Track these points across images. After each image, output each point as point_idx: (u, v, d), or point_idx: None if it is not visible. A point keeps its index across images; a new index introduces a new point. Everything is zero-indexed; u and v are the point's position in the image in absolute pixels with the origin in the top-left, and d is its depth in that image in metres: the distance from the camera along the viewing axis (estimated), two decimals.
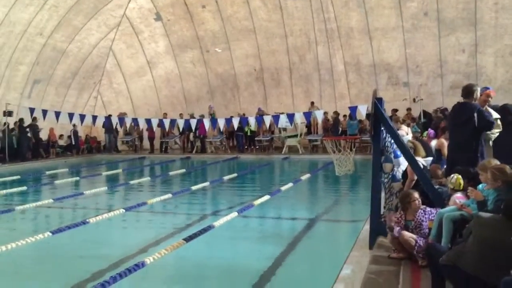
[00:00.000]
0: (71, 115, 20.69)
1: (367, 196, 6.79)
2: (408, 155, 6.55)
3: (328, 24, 22.01)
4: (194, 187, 12.59)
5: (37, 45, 21.06)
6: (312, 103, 22.22)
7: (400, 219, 5.53)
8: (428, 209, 5.57)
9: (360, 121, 20.97)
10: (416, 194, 5.57)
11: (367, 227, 6.95)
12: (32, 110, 20.29)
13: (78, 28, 22.06)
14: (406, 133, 10.31)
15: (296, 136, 21.88)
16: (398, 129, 9.84)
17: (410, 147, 7.08)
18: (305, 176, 14.42)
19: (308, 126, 21.95)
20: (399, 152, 7.09)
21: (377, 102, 6.45)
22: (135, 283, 5.74)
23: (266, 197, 10.62)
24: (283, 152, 21.62)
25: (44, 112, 20.29)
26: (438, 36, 20.62)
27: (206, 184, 13.20)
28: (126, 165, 19.88)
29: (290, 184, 12.55)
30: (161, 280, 6.01)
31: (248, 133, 22.50)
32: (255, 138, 22.53)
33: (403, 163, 7.41)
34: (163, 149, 23.83)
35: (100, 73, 25.53)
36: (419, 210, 5.51)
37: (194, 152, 23.09)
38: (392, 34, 21.33)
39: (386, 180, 6.93)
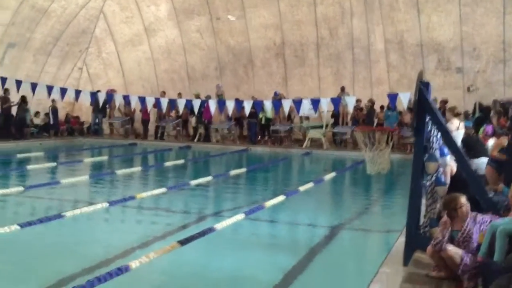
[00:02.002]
0: (50, 88, 20.81)
1: (405, 203, 6.77)
2: (457, 153, 6.49)
3: None
4: (193, 182, 12.63)
5: (14, 2, 21.17)
6: (343, 88, 22.04)
7: (444, 228, 5.47)
8: (479, 216, 5.49)
9: (401, 113, 20.83)
10: (463, 199, 5.50)
11: (402, 239, 6.92)
12: (3, 80, 20.45)
13: None
14: (457, 127, 10.23)
15: (320, 127, 21.79)
16: (447, 122, 9.77)
17: None
18: (329, 176, 14.41)
19: (336, 115, 21.82)
20: (446, 150, 7.02)
21: (423, 87, 6.39)
22: None
23: (281, 198, 10.64)
24: (304, 146, 21.57)
25: (18, 83, 20.43)
26: (503, 13, 20.33)
27: (209, 178, 13.25)
28: (113, 152, 20.00)
29: (311, 184, 12.55)
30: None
31: (263, 121, 22.47)
32: (271, 127, 22.49)
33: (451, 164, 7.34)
34: (159, 135, 23.93)
35: (88, 40, 25.60)
36: (468, 218, 5.45)
37: (196, 140, 23.15)
38: (446, 7, 21.07)
39: (428, 183, 6.87)
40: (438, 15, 21.41)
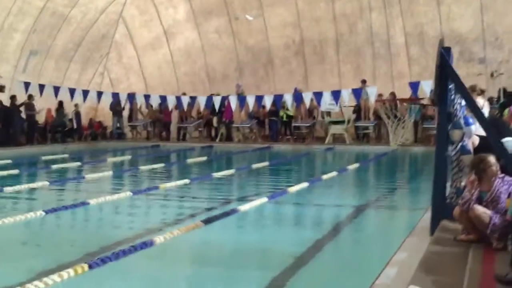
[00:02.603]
0: (72, 91, 21.13)
1: (430, 186, 6.65)
2: (482, 119, 6.39)
3: None
4: (216, 174, 12.67)
5: (35, 9, 21.54)
6: (364, 81, 21.89)
7: (473, 190, 5.38)
8: (507, 177, 5.40)
9: (424, 106, 20.63)
10: (493, 159, 5.42)
11: (429, 214, 6.83)
12: (27, 85, 20.78)
13: None
14: (481, 107, 10.04)
15: (342, 122, 21.70)
16: None
17: None
18: (353, 166, 14.35)
19: (358, 110, 21.69)
20: (471, 120, 6.92)
21: (444, 53, 6.32)
22: (140, 262, 5.79)
23: (304, 185, 10.62)
24: (326, 142, 21.48)
25: (41, 88, 20.77)
26: None
27: (232, 171, 13.30)
28: (137, 152, 20.17)
29: (334, 173, 12.49)
30: (171, 261, 6.05)
31: (284, 118, 22.46)
32: (292, 124, 22.46)
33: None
34: (181, 137, 24.06)
35: (108, 45, 25.93)
36: (497, 179, 5.36)
37: (218, 140, 23.21)
38: None
39: (453, 152, 6.77)
40: (458, 6, 21.26)
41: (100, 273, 5.28)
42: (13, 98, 20.84)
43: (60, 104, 22.95)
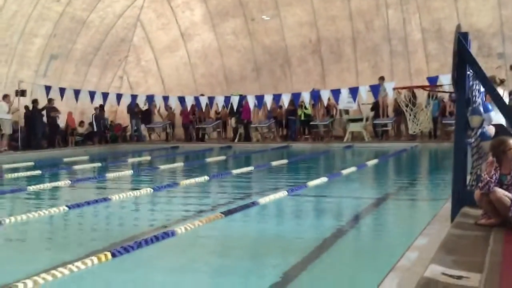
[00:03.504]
0: (92, 94, 21.39)
1: (450, 178, 6.60)
2: (502, 104, 6.35)
3: None
4: (235, 171, 12.74)
5: (54, 14, 21.86)
6: (382, 78, 21.73)
7: (493, 172, 5.35)
8: None
9: (442, 101, 20.52)
10: None
11: (449, 204, 6.79)
12: (48, 89, 21.07)
13: None
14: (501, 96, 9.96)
15: (361, 120, 21.64)
16: None
17: None
18: (372, 162, 14.31)
19: (376, 107, 21.60)
20: (490, 106, 6.88)
21: (461, 38, 6.29)
22: (161, 252, 5.86)
23: (323, 179, 10.64)
24: (345, 140, 21.45)
25: (62, 91, 21.07)
26: None
27: (251, 168, 13.36)
28: (156, 153, 20.35)
29: (353, 169, 12.49)
30: (192, 250, 6.10)
31: (302, 117, 22.47)
32: (311, 123, 22.47)
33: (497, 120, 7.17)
34: (200, 137, 24.19)
35: (126, 48, 26.22)
36: None
37: (236, 140, 23.30)
38: None
39: (473, 139, 6.74)
40: (476, 1, 21.10)
41: (123, 262, 5.35)
42: (34, 102, 21.15)
43: (101, 107, 23.66)
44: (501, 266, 4.10)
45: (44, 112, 21.51)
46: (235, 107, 21.45)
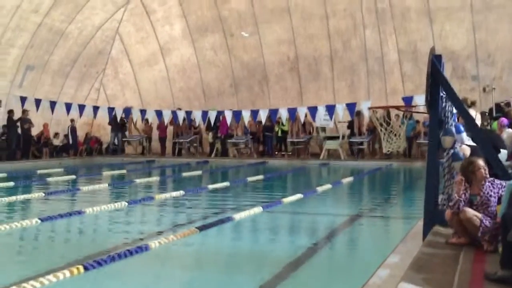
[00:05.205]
0: (68, 106, 21.23)
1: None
2: (473, 126, 6.50)
3: (379, 3, 22.03)
4: (211, 186, 12.75)
5: (32, 25, 21.68)
6: None
7: (462, 191, 5.45)
8: (497, 181, 5.49)
9: (417, 122, 20.82)
10: (481, 162, 5.51)
11: (421, 222, 6.89)
12: (23, 100, 20.86)
13: (80, 6, 22.64)
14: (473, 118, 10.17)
15: (337, 137, 21.82)
16: None
17: None
18: (347, 179, 14.44)
19: (351, 126, 21.82)
20: (462, 128, 7.03)
21: (435, 60, 6.44)
22: (135, 266, 5.84)
23: (298, 196, 10.69)
24: (321, 157, 21.58)
25: (38, 102, 20.86)
26: None
27: (227, 184, 13.37)
28: (132, 167, 20.21)
29: (329, 186, 12.58)
30: (165, 265, 6.09)
31: (279, 133, 22.58)
32: (288, 140, 22.58)
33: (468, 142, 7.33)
34: (176, 152, 24.13)
35: (104, 61, 26.09)
36: (487, 183, 5.44)
37: (213, 156, 23.28)
38: (458, 15, 21.18)
39: (445, 160, 6.87)
40: (451, 24, 21.51)
41: (96, 275, 5.32)
42: (10, 112, 20.92)
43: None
44: (469, 285, 4.19)
45: (18, 123, 21.26)
46: (212, 122, 21.46)
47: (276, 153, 23.17)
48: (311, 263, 5.90)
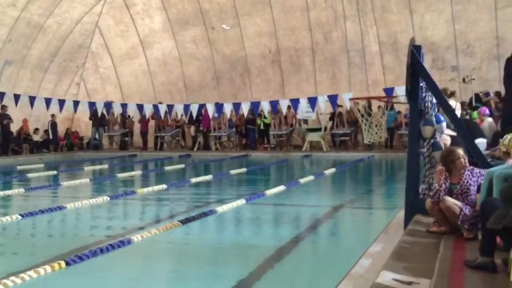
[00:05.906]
0: (48, 101, 21.00)
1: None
2: (453, 116, 6.57)
3: None
4: (194, 180, 12.74)
5: (9, 19, 21.41)
6: None
7: (443, 181, 5.51)
8: (476, 170, 5.56)
9: (399, 113, 20.99)
10: (461, 151, 5.57)
11: (403, 212, 6.96)
12: (1, 95, 20.60)
13: None
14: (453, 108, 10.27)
15: (319, 130, 21.90)
16: None
17: None
18: (330, 171, 14.51)
19: (333, 118, 21.92)
20: (442, 117, 7.10)
21: (415, 50, 6.49)
22: (117, 260, 5.82)
23: (281, 188, 10.73)
24: (303, 149, 21.65)
25: (17, 97, 20.59)
26: (495, 8, 20.55)
27: (209, 177, 13.37)
28: (114, 161, 20.10)
29: (311, 177, 12.63)
30: (148, 259, 6.08)
31: (261, 126, 22.59)
32: (270, 132, 22.60)
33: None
34: (158, 146, 24.03)
35: (84, 55, 25.85)
36: (466, 172, 5.51)
37: (195, 149, 23.24)
38: (438, 6, 21.32)
39: (425, 149, 6.94)
40: (431, 15, 21.64)
41: (78, 270, 5.30)
42: None
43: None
44: (450, 272, 4.25)
45: None
46: (194, 116, 21.40)
47: (259, 145, 23.18)
48: (295, 254, 5.93)
